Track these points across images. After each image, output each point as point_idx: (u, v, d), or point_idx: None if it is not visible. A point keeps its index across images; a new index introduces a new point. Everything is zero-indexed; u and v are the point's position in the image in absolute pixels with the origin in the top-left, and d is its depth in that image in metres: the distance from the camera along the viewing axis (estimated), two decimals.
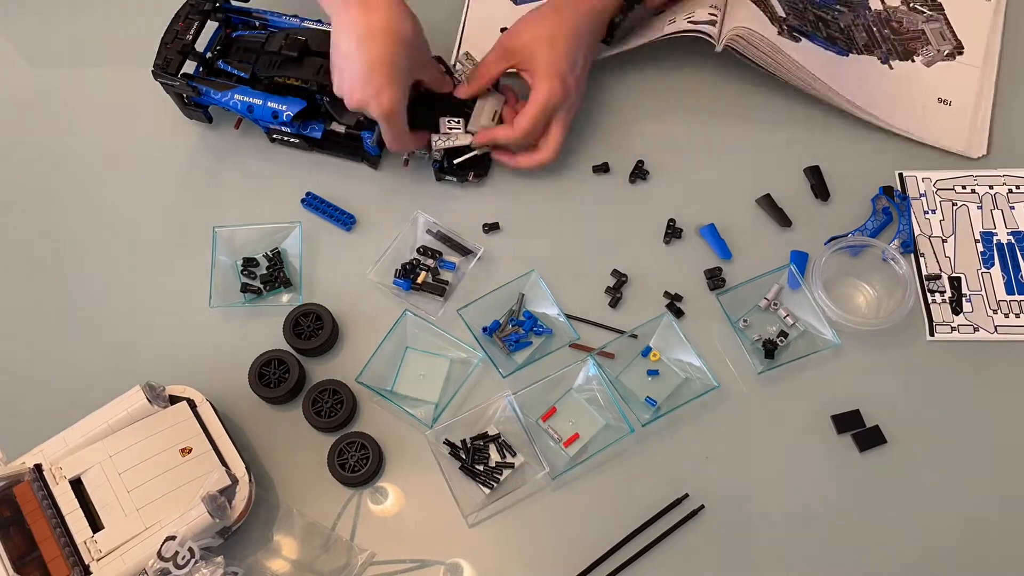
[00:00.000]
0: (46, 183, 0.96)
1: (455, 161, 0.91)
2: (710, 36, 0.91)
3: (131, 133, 0.98)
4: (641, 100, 0.98)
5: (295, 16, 0.94)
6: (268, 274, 0.90)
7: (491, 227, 0.92)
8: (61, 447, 0.76)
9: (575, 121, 0.93)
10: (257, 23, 0.94)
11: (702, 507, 0.81)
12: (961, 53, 1.00)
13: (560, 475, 0.81)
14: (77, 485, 0.75)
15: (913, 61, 0.99)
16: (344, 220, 0.92)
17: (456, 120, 0.91)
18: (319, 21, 0.92)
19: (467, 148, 0.91)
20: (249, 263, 0.90)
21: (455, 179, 0.93)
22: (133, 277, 0.92)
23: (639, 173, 0.94)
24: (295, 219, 0.91)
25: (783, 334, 0.86)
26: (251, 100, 0.90)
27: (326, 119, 0.92)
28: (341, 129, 0.92)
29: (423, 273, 0.89)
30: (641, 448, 0.83)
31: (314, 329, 0.86)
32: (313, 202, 0.93)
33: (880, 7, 1.02)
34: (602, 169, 0.94)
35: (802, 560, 0.80)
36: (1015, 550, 0.80)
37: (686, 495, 0.81)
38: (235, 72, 0.91)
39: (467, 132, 0.90)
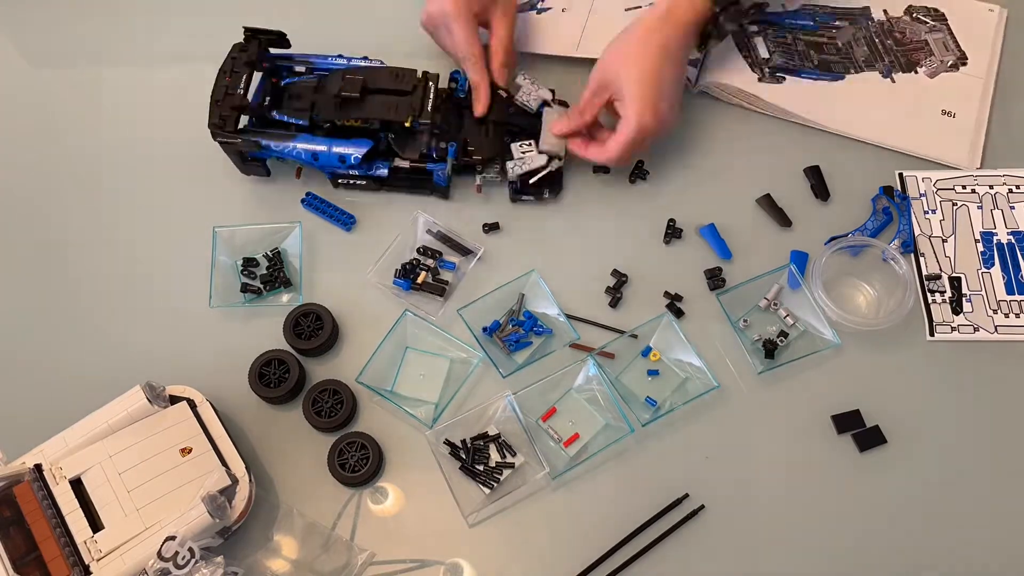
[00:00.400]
0: (46, 183, 0.96)
1: (531, 181, 0.90)
2: (687, 79, 0.94)
3: (131, 133, 0.98)
4: None
5: (339, 56, 0.92)
6: (268, 274, 0.90)
7: (491, 227, 0.92)
8: (61, 447, 0.76)
9: None
10: (303, 68, 0.92)
11: (702, 507, 0.81)
12: (965, 64, 0.99)
13: (560, 475, 0.81)
14: (77, 485, 0.75)
15: (916, 72, 0.99)
16: (344, 220, 0.92)
17: (527, 143, 0.90)
18: (365, 58, 0.91)
19: (540, 168, 0.89)
20: (249, 263, 0.90)
21: (532, 198, 0.92)
22: (133, 277, 0.91)
23: (639, 173, 0.94)
24: (295, 219, 0.91)
25: (783, 334, 0.86)
26: (315, 147, 0.87)
27: (389, 155, 0.90)
28: (406, 164, 0.90)
29: (423, 273, 0.89)
30: (641, 448, 0.83)
31: (314, 329, 0.86)
32: (313, 202, 0.93)
33: (883, 17, 1.02)
34: (602, 170, 0.94)
35: (802, 560, 0.80)
36: (1015, 550, 0.80)
37: (686, 495, 0.81)
38: (293, 121, 0.88)
39: (540, 152, 0.89)
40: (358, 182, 0.91)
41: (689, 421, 0.84)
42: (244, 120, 0.90)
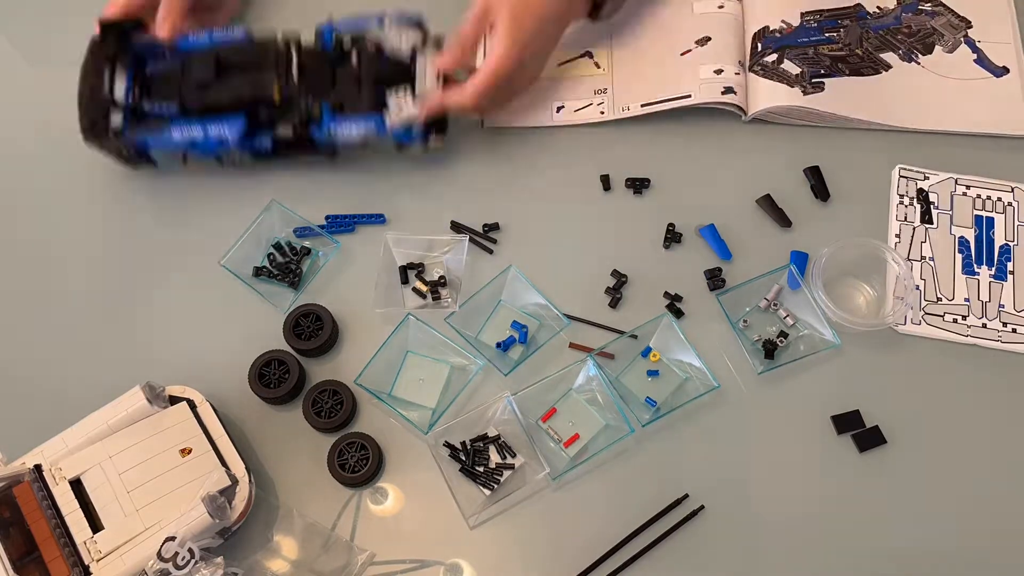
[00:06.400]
0: (48, 182, 0.96)
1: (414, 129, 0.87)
2: (740, 108, 0.94)
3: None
4: None
5: (205, 31, 0.89)
6: (285, 263, 0.89)
7: (491, 227, 0.92)
8: (61, 447, 0.76)
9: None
10: (166, 51, 0.88)
11: (702, 507, 0.81)
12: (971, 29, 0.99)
13: (560, 476, 0.81)
14: (77, 485, 0.75)
15: (933, 54, 0.98)
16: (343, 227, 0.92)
17: (403, 90, 0.86)
18: (228, 28, 0.89)
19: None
20: (278, 248, 0.90)
21: (420, 147, 0.89)
22: (133, 277, 0.91)
23: (638, 178, 0.94)
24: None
25: (783, 334, 0.86)
26: (191, 133, 0.85)
27: (271, 124, 0.87)
28: (289, 132, 0.88)
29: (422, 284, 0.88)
30: (641, 448, 0.83)
31: (314, 329, 0.86)
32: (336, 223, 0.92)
33: (878, 12, 1.00)
34: (604, 186, 0.94)
35: (802, 560, 0.80)
36: (1015, 550, 0.80)
37: (686, 495, 0.81)
38: (163, 112, 0.86)
39: (418, 98, 0.86)
40: (244, 159, 0.89)
41: (689, 421, 0.84)
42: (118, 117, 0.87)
